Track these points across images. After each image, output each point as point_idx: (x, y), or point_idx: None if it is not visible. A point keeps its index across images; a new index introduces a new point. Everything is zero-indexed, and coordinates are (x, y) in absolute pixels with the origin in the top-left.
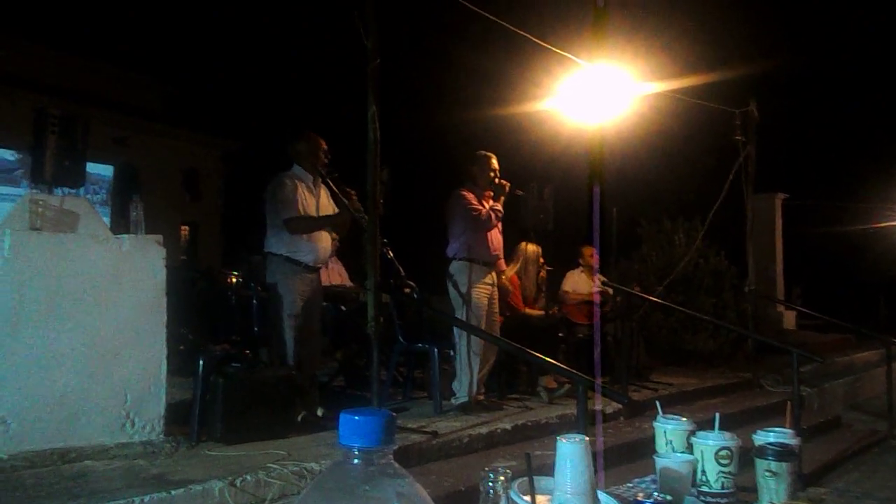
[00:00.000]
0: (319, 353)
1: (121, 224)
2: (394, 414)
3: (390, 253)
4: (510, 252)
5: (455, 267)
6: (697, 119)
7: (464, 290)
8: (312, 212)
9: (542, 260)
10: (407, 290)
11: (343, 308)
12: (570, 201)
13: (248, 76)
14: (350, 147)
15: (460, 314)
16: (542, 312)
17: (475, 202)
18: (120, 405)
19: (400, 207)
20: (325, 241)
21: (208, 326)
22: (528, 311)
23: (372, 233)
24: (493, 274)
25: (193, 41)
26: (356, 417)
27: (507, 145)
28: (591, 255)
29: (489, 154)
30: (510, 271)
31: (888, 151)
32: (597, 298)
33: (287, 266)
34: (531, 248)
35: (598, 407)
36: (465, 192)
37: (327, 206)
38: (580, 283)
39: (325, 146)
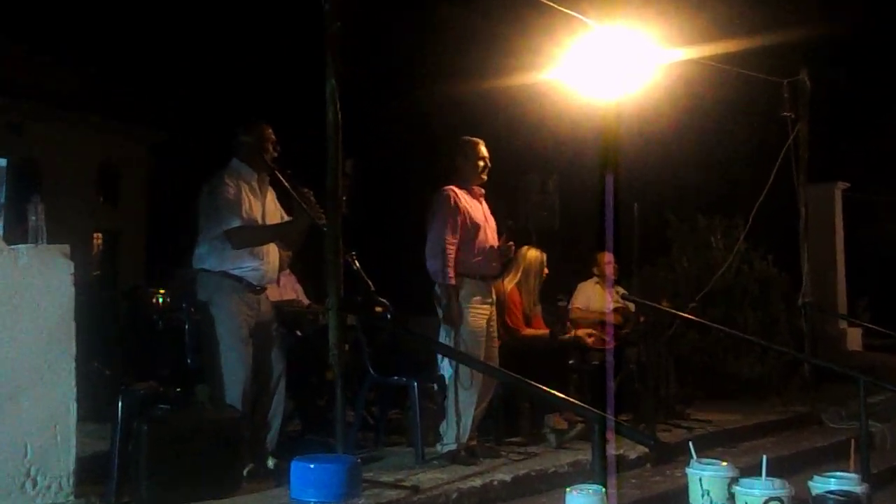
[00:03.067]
0: (282, 394)
1: (16, 232)
2: (358, 460)
3: (356, 263)
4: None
5: (438, 286)
6: (736, 92)
7: (452, 311)
8: (258, 218)
9: (546, 270)
10: (378, 310)
11: (298, 333)
12: (581, 195)
13: (180, 52)
14: (305, 135)
15: (448, 339)
16: (545, 333)
17: (457, 212)
18: (18, 460)
19: (369, 207)
20: (272, 255)
21: (130, 359)
22: (529, 332)
23: (333, 239)
24: (493, 291)
25: (114, 13)
26: (311, 465)
27: (502, 127)
28: (608, 262)
29: (475, 140)
30: (507, 284)
31: None
32: (612, 318)
33: (224, 283)
34: (533, 254)
35: (617, 451)
36: (450, 193)
37: (274, 211)
38: (594, 297)
39: (273, 137)
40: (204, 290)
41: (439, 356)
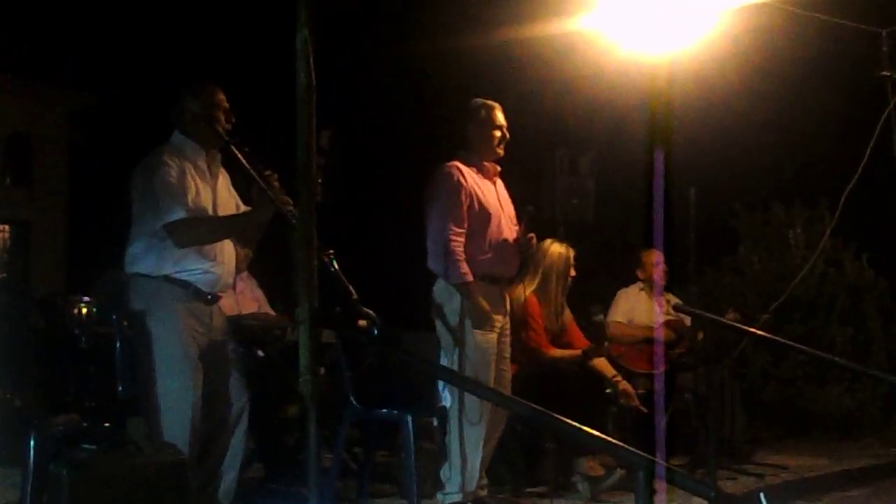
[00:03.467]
0: (243, 433)
1: None
2: None
3: (334, 264)
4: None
5: (443, 289)
6: (821, 47)
7: (456, 323)
8: (207, 208)
9: (572, 271)
10: (362, 324)
11: (260, 353)
12: (622, 177)
13: None
14: (268, 101)
15: (450, 361)
16: (576, 353)
17: (462, 194)
18: None
19: (351, 192)
20: (227, 254)
21: (45, 386)
22: (554, 352)
23: (305, 233)
24: (507, 298)
25: None
26: None
27: (524, 89)
28: (656, 263)
29: (489, 104)
30: (525, 290)
31: None
32: (661, 334)
33: (166, 290)
34: (556, 249)
35: None
36: (453, 170)
37: (228, 199)
38: (639, 308)
39: (226, 103)
40: (140, 299)
41: (440, 383)
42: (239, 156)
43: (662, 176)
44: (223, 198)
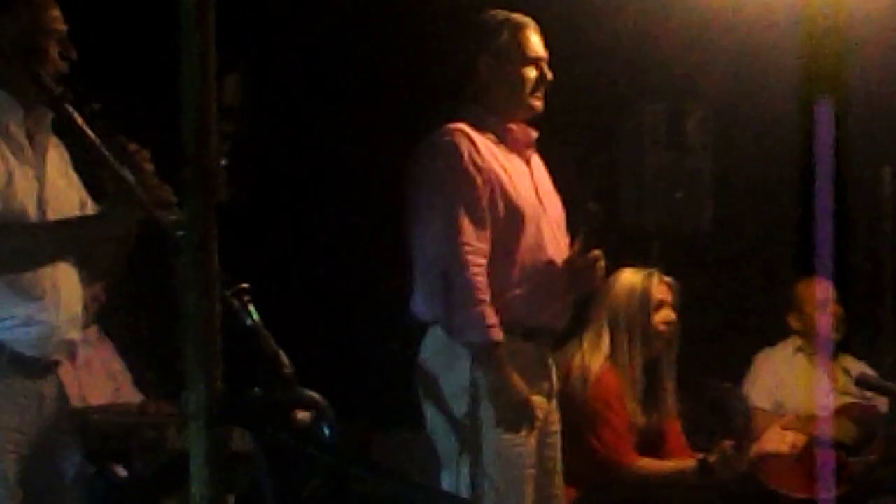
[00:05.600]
0: None
1: None
2: None
3: (251, 312)
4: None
5: (439, 348)
6: None
7: (464, 412)
8: (28, 208)
9: (666, 314)
10: (301, 418)
11: (121, 471)
12: (758, 155)
13: None
14: (131, 25)
15: (454, 481)
16: (688, 465)
17: (476, 181)
18: None
19: (278, 183)
20: (67, 290)
21: None
22: (645, 464)
23: (199, 257)
24: (552, 366)
25: None
26: None
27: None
28: (821, 303)
29: (518, 20)
30: (590, 357)
31: None
32: (832, 428)
33: None
34: (631, 282)
35: None
36: (459, 139)
37: (64, 190)
38: (793, 383)
39: (62, 26)
40: None
41: None
42: (78, 120)
43: (831, 150)
44: (55, 188)
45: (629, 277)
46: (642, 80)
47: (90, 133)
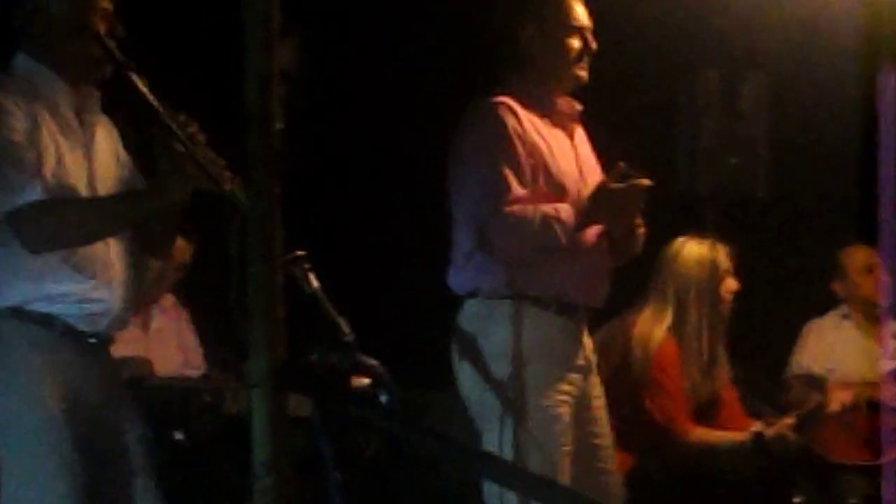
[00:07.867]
0: None
1: None
2: None
3: (311, 280)
4: (639, 269)
5: (473, 314)
6: None
7: (501, 376)
8: (79, 184)
9: (731, 283)
10: (361, 384)
11: (179, 437)
12: (818, 121)
13: None
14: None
15: (498, 443)
16: (744, 435)
17: (517, 149)
18: None
19: (336, 149)
20: (119, 268)
21: None
22: (702, 434)
23: (262, 229)
24: (587, 339)
25: None
26: None
27: None
28: (872, 269)
29: None
30: (652, 327)
31: None
32: (890, 394)
33: (13, 332)
34: (695, 253)
35: None
36: (502, 108)
37: (114, 167)
38: (844, 351)
39: (107, 2)
40: None
41: (486, 485)
42: (142, 88)
43: (894, 117)
44: (105, 167)
45: (695, 248)
46: (698, 45)
47: (154, 101)
